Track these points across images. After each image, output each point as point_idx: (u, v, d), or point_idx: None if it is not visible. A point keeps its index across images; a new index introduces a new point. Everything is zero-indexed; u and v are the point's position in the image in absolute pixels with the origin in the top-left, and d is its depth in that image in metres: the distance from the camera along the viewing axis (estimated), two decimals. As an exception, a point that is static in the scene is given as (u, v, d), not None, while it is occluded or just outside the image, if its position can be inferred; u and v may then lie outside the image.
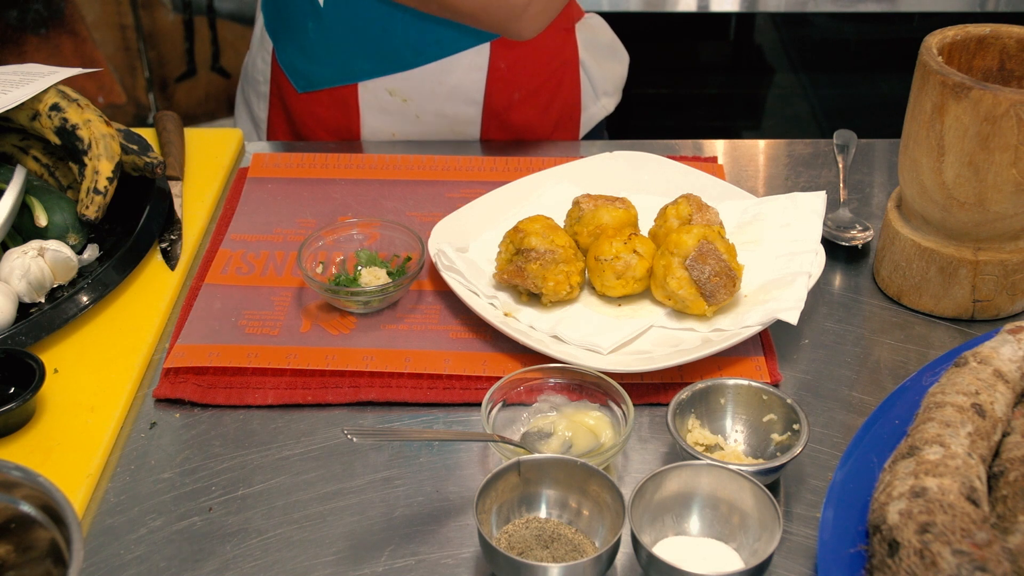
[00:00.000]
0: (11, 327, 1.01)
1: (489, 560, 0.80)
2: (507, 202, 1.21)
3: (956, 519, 0.71)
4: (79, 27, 2.41)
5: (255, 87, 1.52)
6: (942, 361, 0.93)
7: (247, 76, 1.54)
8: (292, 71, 1.43)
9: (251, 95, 1.53)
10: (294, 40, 1.41)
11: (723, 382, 0.94)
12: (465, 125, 1.43)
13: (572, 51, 1.46)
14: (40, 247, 1.07)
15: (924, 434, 0.80)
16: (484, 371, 1.01)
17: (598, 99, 1.52)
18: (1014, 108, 0.95)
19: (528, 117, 1.44)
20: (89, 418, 0.96)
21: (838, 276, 1.16)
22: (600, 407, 0.95)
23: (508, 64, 1.39)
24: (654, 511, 0.83)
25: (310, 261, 1.12)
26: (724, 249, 1.04)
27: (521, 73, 1.41)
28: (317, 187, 1.30)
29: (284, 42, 1.43)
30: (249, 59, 1.54)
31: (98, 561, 0.85)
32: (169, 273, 1.15)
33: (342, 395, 1.00)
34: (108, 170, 1.12)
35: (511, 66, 1.39)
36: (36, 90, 1.14)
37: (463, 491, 0.91)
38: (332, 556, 0.85)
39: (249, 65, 1.53)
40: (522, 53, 1.39)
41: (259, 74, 1.50)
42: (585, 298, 1.10)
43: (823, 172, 1.34)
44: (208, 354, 1.03)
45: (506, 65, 1.39)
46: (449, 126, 1.43)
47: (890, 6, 2.60)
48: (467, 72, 1.38)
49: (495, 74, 1.39)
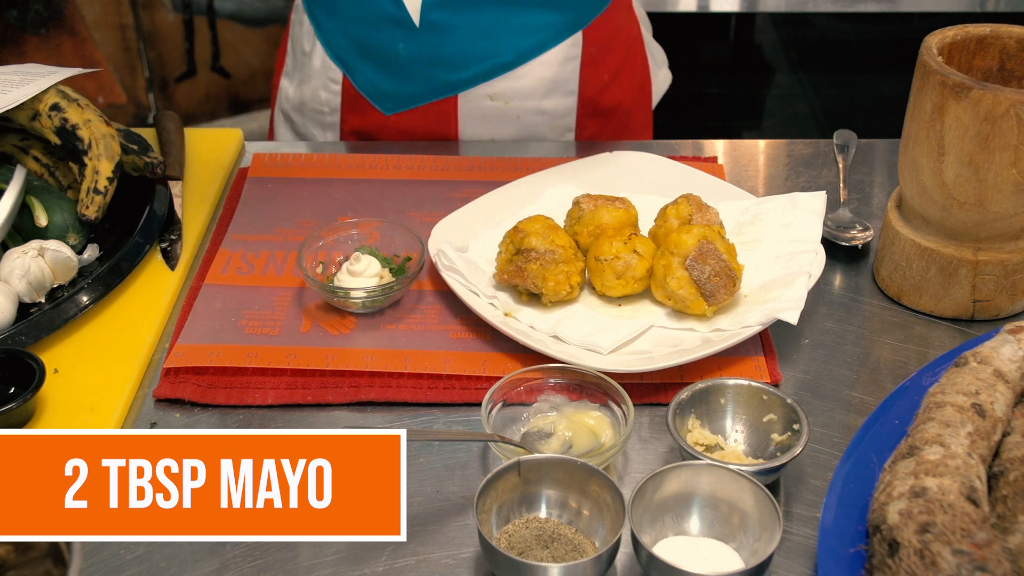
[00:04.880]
0: (11, 327, 1.01)
1: (489, 560, 0.80)
2: (507, 202, 1.21)
3: (956, 519, 0.71)
4: (79, 27, 2.40)
5: (317, 119, 1.46)
6: (942, 361, 0.93)
7: (302, 109, 1.47)
8: (377, 95, 1.39)
9: (310, 127, 1.47)
10: (376, 64, 1.37)
11: (723, 382, 0.94)
12: (562, 117, 1.43)
13: (637, 27, 1.50)
14: (40, 247, 1.07)
15: (924, 434, 0.80)
16: (484, 371, 1.01)
17: (660, 69, 1.57)
18: (1014, 108, 0.95)
19: (615, 96, 1.45)
20: (89, 418, 0.96)
21: (838, 276, 1.16)
22: (600, 407, 0.95)
23: (597, 48, 1.40)
24: (654, 511, 0.83)
25: (310, 261, 1.12)
26: (724, 249, 1.04)
27: (607, 54, 1.42)
28: (317, 187, 1.30)
29: (362, 68, 1.38)
30: (304, 92, 1.45)
31: (98, 561, 0.85)
32: (169, 273, 1.15)
33: (342, 395, 1.00)
34: (108, 170, 1.12)
35: (599, 49, 1.40)
36: (36, 90, 1.14)
37: (463, 491, 0.91)
38: (332, 556, 0.85)
39: (306, 98, 1.45)
40: (606, 34, 1.41)
41: (324, 105, 1.44)
42: (585, 298, 1.10)
43: (823, 172, 1.34)
44: (208, 354, 1.03)
45: (596, 49, 1.40)
46: (548, 121, 1.43)
47: (890, 6, 2.60)
48: (563, 64, 1.39)
49: (587, 59, 1.39)
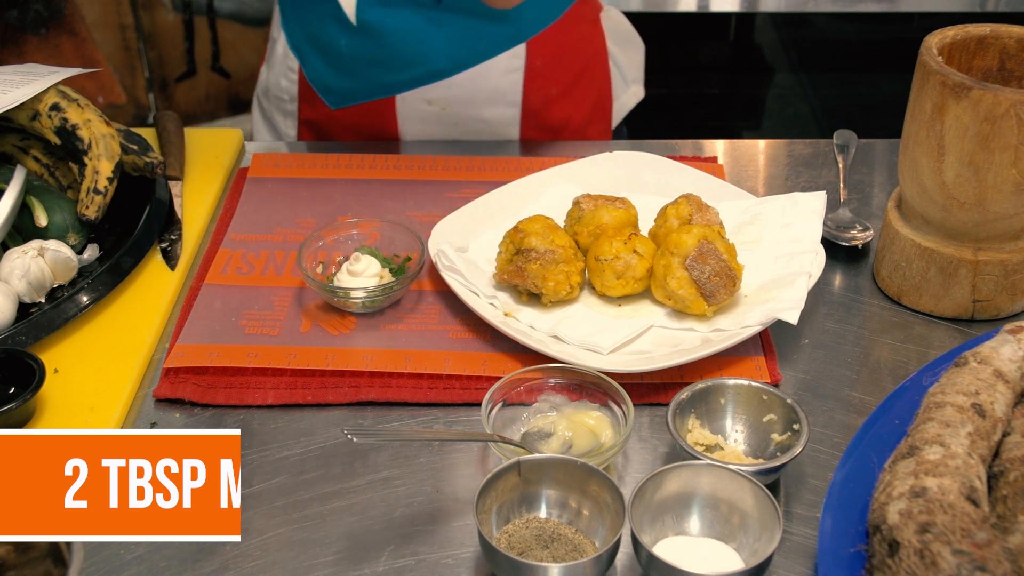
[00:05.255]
0: (11, 327, 1.01)
1: (489, 560, 0.80)
2: (507, 202, 1.21)
3: (956, 519, 0.71)
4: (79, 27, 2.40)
5: (279, 106, 1.49)
6: (942, 361, 0.93)
7: (268, 95, 1.51)
8: (323, 89, 1.40)
9: (275, 114, 1.51)
10: (324, 58, 1.38)
11: (723, 382, 0.94)
12: (504, 127, 1.42)
13: (600, 42, 1.47)
14: (40, 247, 1.07)
15: (924, 434, 0.80)
16: (484, 371, 1.01)
17: (628, 87, 1.53)
18: (1014, 108, 0.95)
19: (565, 112, 1.44)
20: (89, 418, 0.96)
21: (838, 276, 1.16)
22: (600, 407, 0.95)
23: (544, 62, 1.39)
24: (654, 511, 0.83)
25: (310, 261, 1.12)
26: (724, 249, 1.04)
27: (556, 69, 1.41)
28: (317, 187, 1.30)
29: (313, 60, 1.40)
30: (269, 78, 1.50)
31: (98, 561, 0.85)
32: (169, 273, 1.15)
33: (342, 395, 1.00)
34: (108, 170, 1.12)
35: (547, 63, 1.39)
36: (36, 90, 1.14)
37: (463, 491, 0.91)
38: (332, 556, 0.85)
39: (271, 84, 1.50)
40: (556, 49, 1.39)
41: (283, 92, 1.47)
42: (585, 298, 1.10)
43: (823, 172, 1.34)
44: (208, 354, 1.03)
45: (542, 63, 1.38)
46: (489, 129, 1.42)
47: (890, 6, 2.60)
48: (504, 75, 1.38)
49: (532, 73, 1.38)
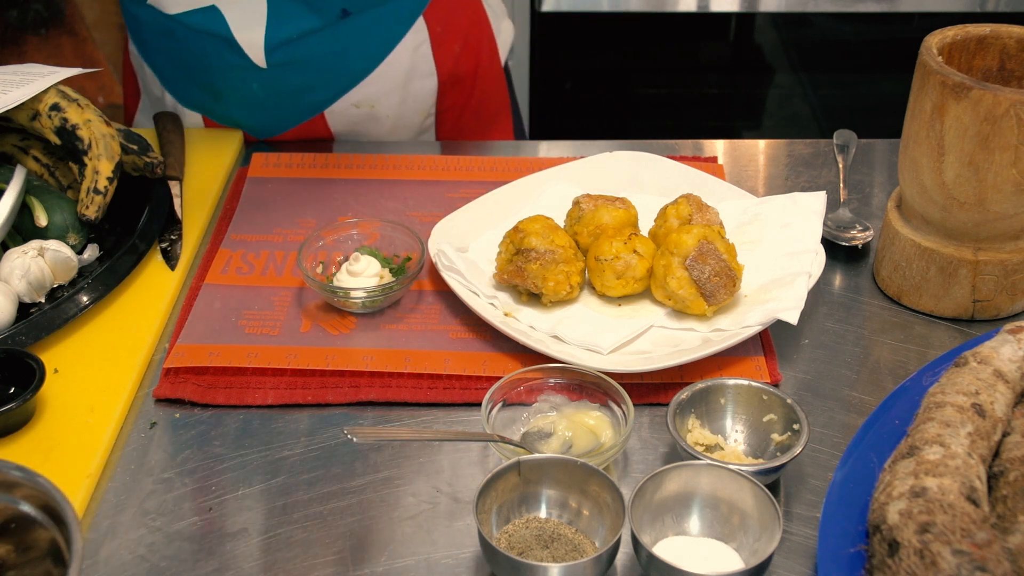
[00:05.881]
0: (11, 327, 1.01)
1: (489, 560, 0.80)
2: (507, 202, 1.21)
3: (956, 519, 0.71)
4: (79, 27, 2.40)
5: None
6: (942, 361, 0.93)
7: None
8: (244, 126, 1.40)
9: None
10: (238, 104, 1.38)
11: (723, 382, 0.94)
12: (427, 96, 1.43)
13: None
14: (40, 247, 1.07)
15: (924, 434, 0.80)
16: (484, 371, 1.01)
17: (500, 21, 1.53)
18: (1014, 108, 0.95)
19: (469, 63, 1.46)
20: (89, 418, 0.96)
21: (838, 276, 1.16)
22: (600, 407, 0.95)
23: (443, 27, 1.41)
24: (654, 511, 0.83)
25: (310, 261, 1.12)
26: (724, 249, 1.04)
27: (453, 27, 1.42)
28: (317, 187, 1.30)
29: (222, 108, 1.39)
30: None
31: (98, 561, 0.85)
32: (169, 273, 1.15)
33: (342, 395, 1.00)
34: (108, 170, 1.12)
35: (445, 27, 1.41)
36: (36, 90, 1.14)
37: (463, 491, 0.91)
38: (332, 556, 0.85)
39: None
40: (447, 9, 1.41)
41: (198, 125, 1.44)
42: (585, 298, 1.10)
43: (823, 172, 1.34)
44: (208, 354, 1.03)
45: (441, 28, 1.40)
46: (416, 106, 1.43)
47: (890, 6, 2.60)
48: (414, 51, 1.39)
49: (436, 39, 1.40)
